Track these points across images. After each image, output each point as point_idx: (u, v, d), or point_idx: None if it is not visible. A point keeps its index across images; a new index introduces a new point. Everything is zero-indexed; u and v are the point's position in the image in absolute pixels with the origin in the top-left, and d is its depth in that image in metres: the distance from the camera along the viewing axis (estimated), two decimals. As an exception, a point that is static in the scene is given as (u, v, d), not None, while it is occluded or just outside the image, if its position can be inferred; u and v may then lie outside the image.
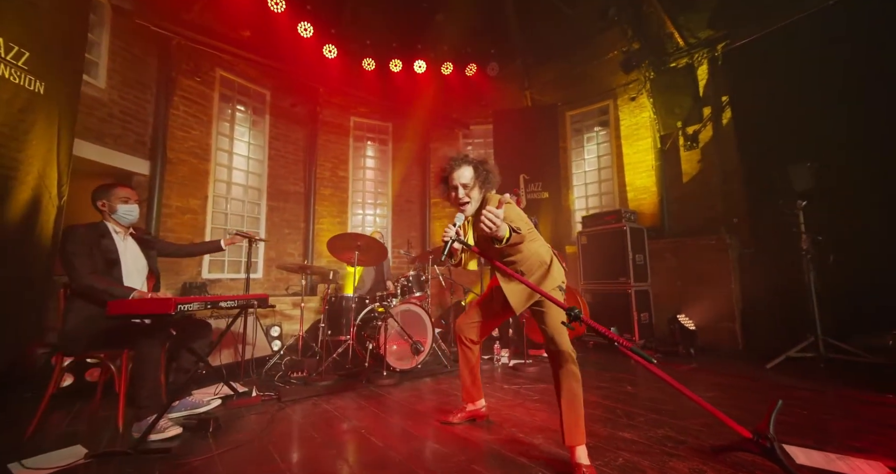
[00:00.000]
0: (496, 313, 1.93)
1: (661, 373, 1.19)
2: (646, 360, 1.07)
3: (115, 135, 3.59)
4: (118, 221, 2.12)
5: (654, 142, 4.99)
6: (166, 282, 3.90)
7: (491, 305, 1.92)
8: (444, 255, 1.54)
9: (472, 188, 1.72)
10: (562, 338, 1.63)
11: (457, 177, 1.72)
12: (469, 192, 1.72)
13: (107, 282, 1.86)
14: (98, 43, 3.53)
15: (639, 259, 4.21)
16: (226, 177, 4.65)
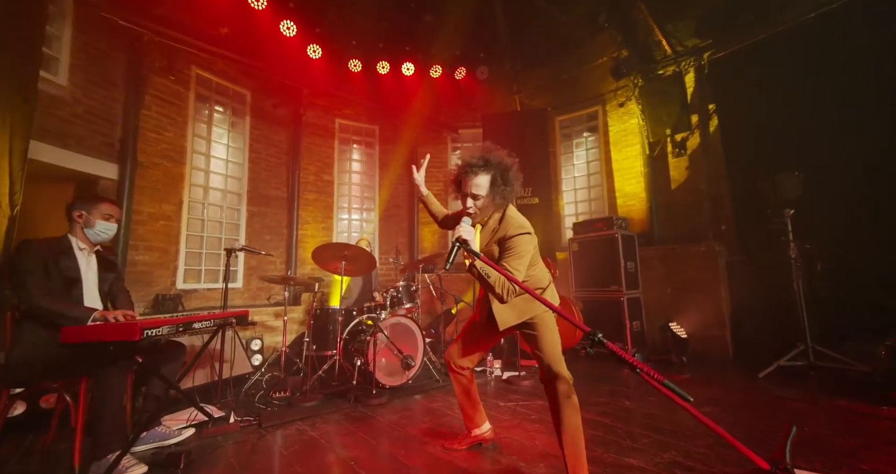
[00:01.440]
0: (486, 334, 1.80)
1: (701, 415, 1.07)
2: (683, 399, 0.96)
3: (79, 136, 3.32)
4: (88, 237, 1.92)
5: (643, 148, 5.00)
6: (136, 293, 3.63)
7: (479, 327, 1.80)
8: (451, 261, 1.37)
9: (484, 200, 1.56)
10: (560, 366, 1.55)
11: (471, 184, 1.56)
12: (479, 204, 1.56)
13: (63, 304, 1.66)
14: (59, 37, 3.26)
15: (630, 266, 4.19)
16: (203, 181, 4.40)
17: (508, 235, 1.55)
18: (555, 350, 1.60)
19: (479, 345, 1.84)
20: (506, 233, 1.57)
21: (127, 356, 1.59)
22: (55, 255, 1.76)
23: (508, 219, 1.61)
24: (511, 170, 1.60)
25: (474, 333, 1.83)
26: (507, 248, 1.54)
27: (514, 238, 1.54)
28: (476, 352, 1.84)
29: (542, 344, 1.60)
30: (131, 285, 3.61)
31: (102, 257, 2.01)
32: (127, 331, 1.43)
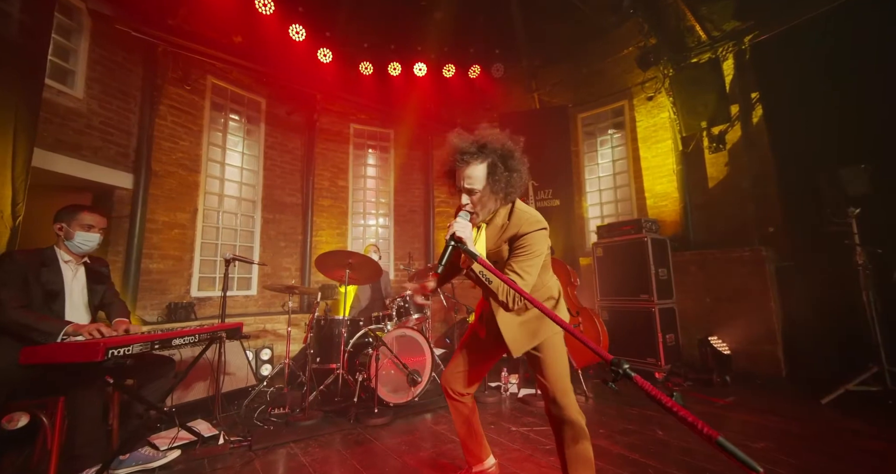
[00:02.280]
0: (487, 352, 1.55)
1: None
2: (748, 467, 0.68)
3: (95, 147, 3.38)
4: (70, 249, 1.85)
5: (675, 144, 4.59)
6: (150, 301, 3.67)
7: (479, 343, 1.54)
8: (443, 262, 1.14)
9: (482, 194, 1.29)
10: (568, 399, 1.31)
11: (464, 177, 1.29)
12: (476, 199, 1.29)
13: (35, 317, 1.58)
14: (75, 50, 3.34)
15: (662, 273, 3.80)
16: (217, 189, 4.42)
17: (522, 232, 1.30)
18: (563, 377, 1.36)
19: (481, 365, 1.57)
20: (518, 229, 1.31)
21: (98, 375, 1.48)
22: (37, 267, 1.70)
23: (520, 213, 1.35)
24: (514, 155, 1.30)
25: (476, 351, 1.56)
26: (520, 246, 1.29)
27: (529, 234, 1.28)
28: (478, 373, 1.58)
29: (547, 369, 1.36)
30: (145, 293, 3.65)
31: (91, 269, 1.94)
32: (88, 352, 1.32)
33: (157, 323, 3.53)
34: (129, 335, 1.61)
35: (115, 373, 1.56)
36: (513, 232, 1.33)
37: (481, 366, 1.57)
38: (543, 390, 1.38)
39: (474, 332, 1.57)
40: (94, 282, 1.92)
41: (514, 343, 1.38)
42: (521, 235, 1.30)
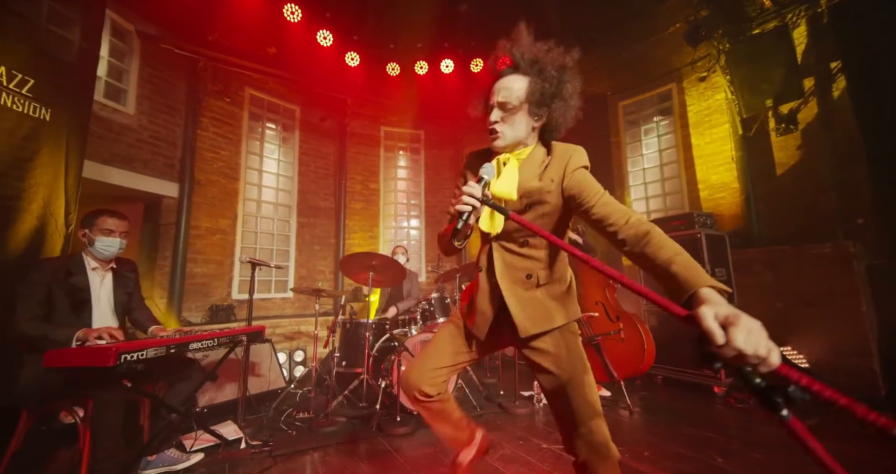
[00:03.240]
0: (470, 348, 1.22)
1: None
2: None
3: (144, 159, 3.64)
4: (94, 255, 1.92)
5: (734, 127, 4.07)
6: (194, 303, 3.88)
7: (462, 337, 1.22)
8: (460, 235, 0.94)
9: (516, 114, 1.05)
10: (601, 426, 1.04)
11: (499, 88, 1.08)
12: (508, 118, 1.06)
13: (46, 329, 1.62)
14: (127, 70, 3.62)
15: (719, 273, 3.36)
16: (256, 195, 4.61)
17: (579, 163, 1.06)
18: (591, 390, 1.06)
19: (459, 364, 1.23)
20: (568, 160, 1.06)
21: (114, 380, 1.51)
22: (62, 277, 1.75)
23: (562, 147, 1.10)
24: (567, 82, 1.07)
25: (456, 347, 1.21)
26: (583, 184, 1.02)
27: (581, 170, 1.05)
28: (450, 369, 1.22)
29: (572, 382, 1.06)
30: (190, 295, 3.86)
31: (119, 274, 2.02)
32: (101, 357, 1.33)
33: (201, 324, 3.72)
34: (144, 339, 1.63)
35: (135, 377, 1.59)
36: (561, 164, 1.05)
37: (458, 365, 1.24)
38: (562, 415, 1.07)
39: (455, 325, 1.26)
40: (121, 287, 2.00)
41: (524, 318, 1.09)
42: (577, 168, 1.05)
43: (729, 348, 0.58)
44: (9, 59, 2.25)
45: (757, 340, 0.58)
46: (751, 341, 0.58)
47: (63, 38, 2.63)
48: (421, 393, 1.18)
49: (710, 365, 0.62)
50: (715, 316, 0.61)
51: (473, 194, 0.93)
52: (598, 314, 3.04)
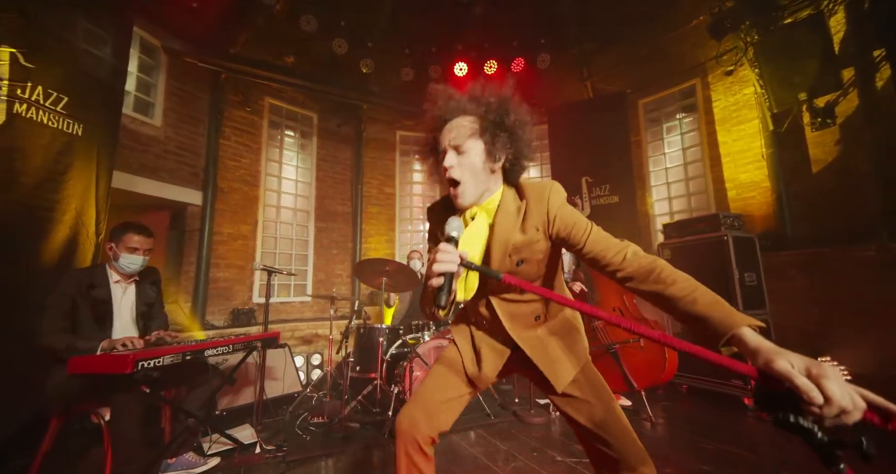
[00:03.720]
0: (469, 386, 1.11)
1: None
2: None
3: (170, 169, 3.80)
4: (117, 269, 1.99)
5: (764, 123, 3.86)
6: (217, 307, 4.01)
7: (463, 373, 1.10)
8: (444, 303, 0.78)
9: (474, 158, 0.95)
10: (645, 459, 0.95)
11: (449, 129, 0.98)
12: (467, 164, 0.96)
13: (68, 340, 1.69)
14: (154, 84, 3.79)
15: (749, 278, 3.18)
16: (275, 201, 4.73)
17: (556, 203, 0.97)
18: (628, 427, 0.99)
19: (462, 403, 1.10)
20: (547, 203, 0.96)
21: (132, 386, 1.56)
22: (86, 289, 1.82)
23: (532, 187, 1.00)
24: (514, 111, 0.96)
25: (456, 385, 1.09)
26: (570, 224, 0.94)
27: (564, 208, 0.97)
28: (457, 412, 1.08)
29: (609, 417, 0.97)
30: (213, 299, 3.99)
31: (140, 286, 2.08)
32: (119, 364, 1.39)
33: (223, 327, 3.84)
34: (161, 347, 1.68)
35: (154, 383, 1.64)
36: (542, 209, 0.96)
37: (460, 403, 1.10)
38: (603, 457, 0.98)
39: (456, 357, 1.13)
40: (143, 298, 2.06)
41: (554, 369, 1.01)
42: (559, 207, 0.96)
43: (832, 407, 0.51)
44: (46, 79, 2.40)
45: (847, 389, 0.52)
46: (845, 392, 0.51)
47: (96, 57, 2.78)
48: (423, 441, 0.99)
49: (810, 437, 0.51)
50: (796, 368, 0.55)
51: (451, 259, 0.79)
52: (616, 321, 2.93)
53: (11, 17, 2.28)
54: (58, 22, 2.52)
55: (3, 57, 2.22)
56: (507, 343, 1.11)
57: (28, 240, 2.27)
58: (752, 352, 0.62)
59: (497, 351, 1.11)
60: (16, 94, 2.25)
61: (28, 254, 2.25)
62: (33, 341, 1.70)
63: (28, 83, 2.30)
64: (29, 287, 2.14)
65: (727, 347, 0.68)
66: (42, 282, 2.15)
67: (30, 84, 2.31)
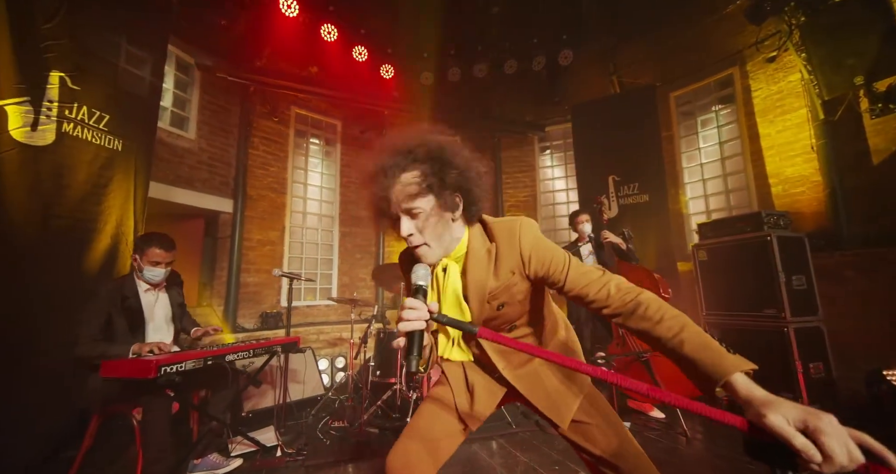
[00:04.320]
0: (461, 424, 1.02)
1: None
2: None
3: (203, 179, 4.00)
4: (142, 279, 2.09)
5: (814, 111, 3.54)
6: (247, 311, 4.17)
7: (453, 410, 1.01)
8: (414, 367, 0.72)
9: (430, 213, 0.87)
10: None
11: (397, 192, 0.88)
12: (424, 223, 0.88)
13: (101, 348, 1.79)
14: (189, 100, 4.01)
15: (798, 281, 2.91)
16: (301, 207, 4.87)
17: (528, 247, 0.90)
18: (639, 450, 0.94)
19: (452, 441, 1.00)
20: (518, 248, 0.90)
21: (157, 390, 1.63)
22: (119, 300, 1.93)
23: (499, 225, 0.94)
24: (450, 149, 0.90)
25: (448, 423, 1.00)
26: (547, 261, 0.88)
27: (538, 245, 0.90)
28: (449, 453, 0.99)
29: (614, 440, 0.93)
30: (244, 303, 4.15)
31: (170, 289, 2.19)
32: (143, 369, 1.45)
33: (253, 330, 3.98)
34: (184, 352, 1.74)
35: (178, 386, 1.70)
36: (514, 251, 0.90)
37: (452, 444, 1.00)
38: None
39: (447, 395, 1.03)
40: (174, 299, 2.17)
41: (555, 406, 0.96)
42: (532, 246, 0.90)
43: (833, 465, 0.48)
44: (91, 99, 2.58)
45: (845, 441, 0.49)
46: (844, 449, 0.48)
47: (137, 76, 2.98)
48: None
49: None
50: (791, 423, 0.52)
51: (419, 316, 0.72)
52: (647, 327, 2.77)
53: (62, 44, 2.48)
54: (103, 45, 2.72)
55: (54, 81, 2.41)
56: (501, 381, 1.04)
57: (73, 250, 2.44)
58: (743, 402, 0.59)
59: (491, 390, 1.05)
60: (64, 114, 2.44)
61: (73, 262, 2.43)
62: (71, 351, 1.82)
63: (75, 104, 2.49)
64: (74, 293, 2.30)
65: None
66: (86, 288, 2.31)
67: (76, 104, 2.49)
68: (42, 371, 2.11)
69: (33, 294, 2.16)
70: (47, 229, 2.31)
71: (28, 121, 2.25)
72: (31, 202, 2.24)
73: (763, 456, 0.54)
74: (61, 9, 2.47)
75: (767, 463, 0.53)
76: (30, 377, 2.07)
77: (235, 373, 2.13)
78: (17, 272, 2.13)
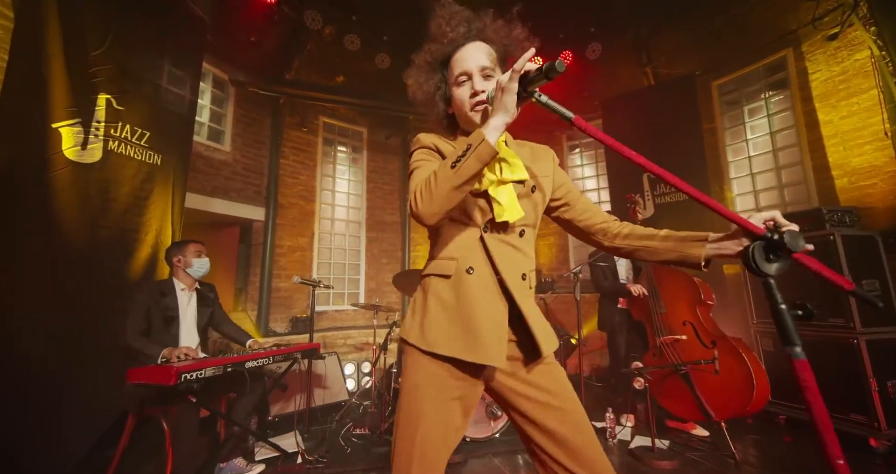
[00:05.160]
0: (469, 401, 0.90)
1: None
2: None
3: (238, 189, 4.20)
4: (191, 275, 2.23)
5: (887, 92, 3.11)
6: (278, 315, 4.31)
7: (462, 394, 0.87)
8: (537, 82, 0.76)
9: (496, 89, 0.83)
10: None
11: (465, 56, 0.95)
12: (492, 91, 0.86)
13: (143, 343, 1.92)
14: (224, 114, 4.24)
15: (870, 286, 2.55)
16: (329, 214, 4.99)
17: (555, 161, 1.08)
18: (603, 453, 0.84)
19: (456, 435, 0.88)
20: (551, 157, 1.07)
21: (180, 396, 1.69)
22: (158, 296, 2.08)
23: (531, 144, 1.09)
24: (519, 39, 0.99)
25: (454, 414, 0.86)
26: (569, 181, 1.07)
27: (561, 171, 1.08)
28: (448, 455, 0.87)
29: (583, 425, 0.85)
30: (275, 308, 4.30)
31: (201, 294, 2.30)
32: (163, 376, 1.50)
33: (284, 334, 4.11)
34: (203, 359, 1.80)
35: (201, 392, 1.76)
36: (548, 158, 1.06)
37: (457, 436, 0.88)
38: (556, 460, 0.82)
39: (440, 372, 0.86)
40: (204, 305, 2.28)
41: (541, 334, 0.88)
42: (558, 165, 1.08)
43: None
44: (134, 118, 2.78)
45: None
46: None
47: (177, 94, 3.18)
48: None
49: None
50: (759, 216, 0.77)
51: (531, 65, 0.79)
52: (686, 337, 2.54)
53: (108, 69, 2.68)
54: (146, 67, 2.92)
55: (101, 103, 2.61)
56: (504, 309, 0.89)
57: (119, 257, 2.63)
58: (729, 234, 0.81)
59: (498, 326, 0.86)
60: (110, 133, 2.63)
61: (119, 268, 2.61)
62: (119, 341, 1.95)
63: (119, 123, 2.68)
64: (122, 294, 2.47)
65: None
66: (130, 290, 2.48)
67: (120, 123, 2.69)
68: (99, 367, 2.27)
69: (86, 297, 2.35)
70: (96, 239, 2.50)
71: (79, 141, 2.45)
72: (81, 214, 2.44)
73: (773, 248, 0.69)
74: (108, 36, 2.69)
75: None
76: (86, 374, 2.23)
77: (257, 378, 2.18)
78: (71, 277, 2.32)
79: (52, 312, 2.18)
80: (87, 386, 2.22)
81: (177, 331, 2.09)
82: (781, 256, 0.67)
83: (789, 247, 0.64)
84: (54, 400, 2.08)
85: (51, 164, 2.27)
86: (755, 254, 0.67)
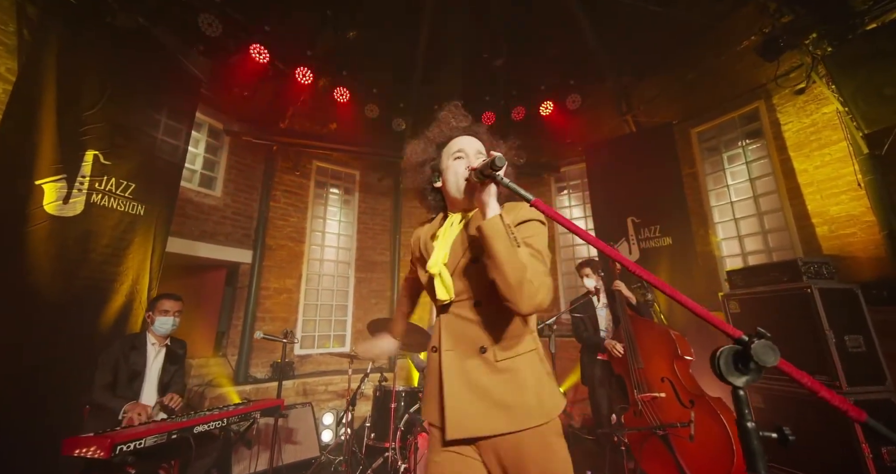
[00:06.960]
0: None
1: None
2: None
3: (227, 233, 4.27)
4: (154, 331, 2.23)
5: (855, 145, 3.19)
6: (260, 360, 4.23)
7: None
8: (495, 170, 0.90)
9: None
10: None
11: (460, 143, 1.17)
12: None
13: (106, 398, 1.91)
14: (217, 162, 4.40)
15: (853, 342, 2.47)
16: (318, 255, 5.03)
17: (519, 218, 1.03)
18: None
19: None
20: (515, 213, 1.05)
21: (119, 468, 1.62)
22: (127, 351, 2.09)
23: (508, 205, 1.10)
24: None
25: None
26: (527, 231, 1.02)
27: (530, 223, 1.03)
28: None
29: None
30: (257, 353, 4.22)
31: (170, 350, 2.28)
32: (98, 447, 1.45)
33: (265, 381, 4.01)
34: (145, 426, 1.74)
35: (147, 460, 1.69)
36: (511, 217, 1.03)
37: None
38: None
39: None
40: (170, 362, 2.25)
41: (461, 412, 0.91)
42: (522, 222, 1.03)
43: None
44: (121, 171, 2.88)
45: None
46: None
47: (172, 144, 3.33)
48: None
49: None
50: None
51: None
52: (664, 394, 2.43)
53: (100, 127, 2.83)
54: (143, 121, 3.07)
55: (88, 158, 2.73)
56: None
57: (94, 306, 2.64)
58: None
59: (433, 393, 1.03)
60: (94, 187, 2.72)
61: (94, 316, 2.61)
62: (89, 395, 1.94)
63: (104, 177, 2.79)
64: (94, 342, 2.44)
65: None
66: (104, 338, 2.47)
67: (105, 177, 2.79)
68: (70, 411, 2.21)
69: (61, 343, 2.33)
70: (72, 288, 2.53)
71: (61, 196, 2.54)
72: (58, 266, 2.48)
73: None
74: (104, 96, 2.86)
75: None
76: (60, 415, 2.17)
77: (212, 440, 2.10)
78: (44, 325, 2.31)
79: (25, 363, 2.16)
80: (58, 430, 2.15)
81: (139, 387, 2.06)
82: (751, 369, 0.58)
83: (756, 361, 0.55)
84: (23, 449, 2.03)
85: (30, 219, 2.35)
86: (721, 361, 0.59)
